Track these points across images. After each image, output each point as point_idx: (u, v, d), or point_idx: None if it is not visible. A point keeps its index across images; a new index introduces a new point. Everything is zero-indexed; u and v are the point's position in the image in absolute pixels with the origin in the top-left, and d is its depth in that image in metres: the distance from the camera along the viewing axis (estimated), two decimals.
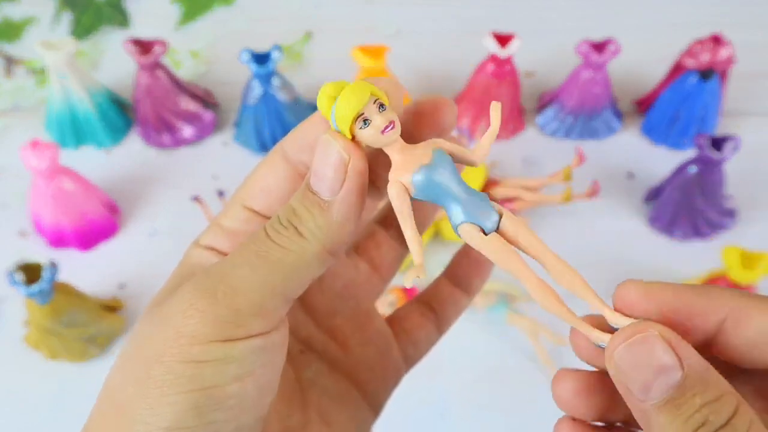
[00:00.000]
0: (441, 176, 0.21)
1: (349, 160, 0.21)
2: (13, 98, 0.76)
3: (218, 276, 0.21)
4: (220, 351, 0.20)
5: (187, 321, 0.20)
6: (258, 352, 0.21)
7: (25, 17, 0.82)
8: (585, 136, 0.70)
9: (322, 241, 0.21)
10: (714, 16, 0.79)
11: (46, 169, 0.57)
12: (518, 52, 0.65)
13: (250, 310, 0.20)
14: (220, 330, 0.20)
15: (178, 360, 0.20)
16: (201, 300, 0.20)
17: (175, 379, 0.20)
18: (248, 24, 0.82)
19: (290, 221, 0.21)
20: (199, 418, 0.20)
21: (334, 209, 0.21)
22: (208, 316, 0.20)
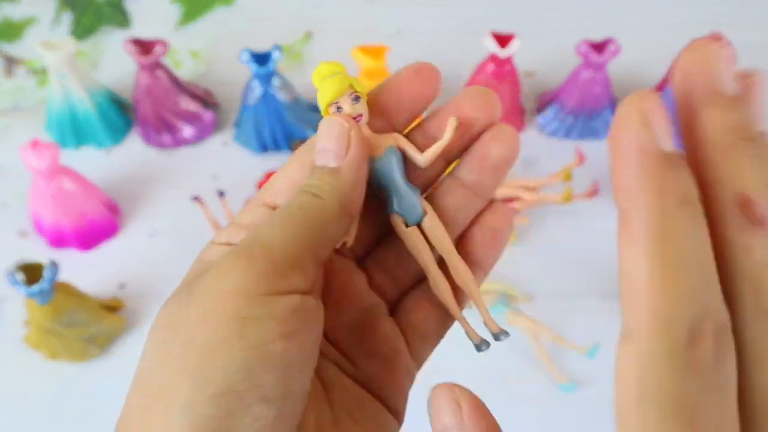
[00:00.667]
0: (386, 168, 0.25)
1: (350, 128, 0.24)
2: (13, 98, 0.76)
3: (251, 239, 0.22)
4: (265, 306, 0.20)
5: (230, 278, 0.21)
6: (298, 312, 0.21)
7: (25, 17, 0.82)
8: (585, 136, 0.70)
9: (339, 199, 0.23)
10: (714, 16, 0.79)
11: (46, 169, 0.57)
12: (518, 52, 0.65)
13: (286, 261, 0.21)
14: (262, 282, 0.20)
15: (224, 318, 0.20)
16: (240, 260, 0.21)
17: (222, 339, 0.20)
18: (248, 24, 0.82)
19: (305, 189, 0.23)
20: (249, 380, 0.20)
21: (344, 171, 0.23)
22: (249, 271, 0.21)
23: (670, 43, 0.71)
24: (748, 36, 0.72)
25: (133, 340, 0.58)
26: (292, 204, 0.23)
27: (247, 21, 0.82)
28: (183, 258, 0.63)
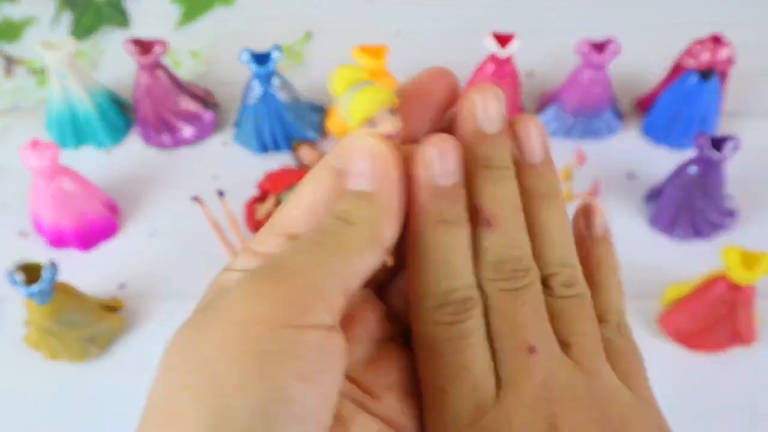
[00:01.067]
0: None
1: (386, 148, 0.22)
2: (13, 98, 0.76)
3: (276, 263, 0.20)
4: (286, 341, 0.19)
5: (252, 304, 0.19)
6: (321, 350, 0.19)
7: (25, 17, 0.82)
8: (585, 136, 0.70)
9: (372, 227, 0.21)
10: (714, 16, 0.79)
11: (46, 169, 0.57)
12: (518, 52, 0.65)
13: (312, 291, 0.20)
14: (285, 313, 0.19)
15: (245, 351, 0.18)
16: (263, 284, 0.20)
17: (242, 377, 0.18)
18: (248, 24, 0.82)
19: (336, 215, 0.21)
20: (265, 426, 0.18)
21: (379, 196, 0.21)
22: (273, 298, 0.19)
23: (670, 43, 0.71)
24: (748, 36, 0.72)
25: (133, 340, 0.58)
26: (320, 229, 0.21)
27: (247, 21, 0.82)
28: (183, 258, 0.63)
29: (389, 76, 0.66)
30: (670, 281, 0.59)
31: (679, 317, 0.56)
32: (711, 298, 0.53)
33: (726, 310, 0.53)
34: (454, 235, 0.22)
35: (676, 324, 0.56)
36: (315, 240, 0.21)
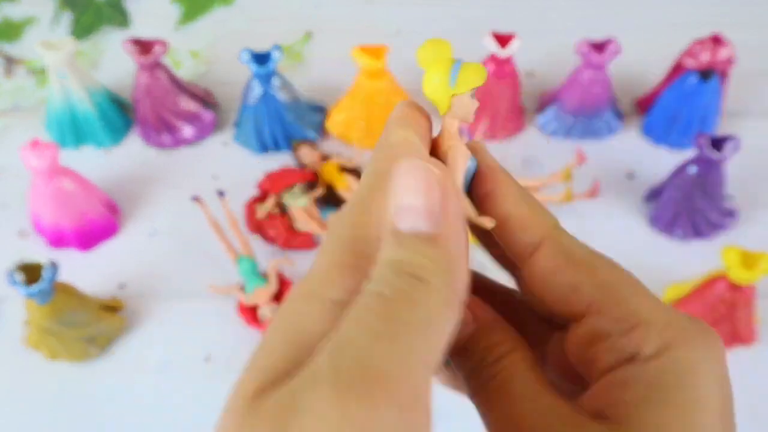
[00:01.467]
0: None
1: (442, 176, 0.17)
2: (13, 98, 0.76)
3: (350, 366, 0.15)
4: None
5: (341, 425, 0.15)
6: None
7: (25, 17, 0.82)
8: (585, 136, 0.70)
9: (449, 282, 0.17)
10: (714, 16, 0.79)
11: (46, 169, 0.57)
12: (518, 52, 0.65)
13: (412, 394, 0.15)
14: (391, 426, 0.15)
15: None
16: (348, 398, 0.15)
17: None
18: (248, 24, 0.82)
19: (401, 274, 0.16)
20: None
21: (447, 240, 0.17)
22: (368, 415, 0.15)
23: (670, 43, 0.71)
24: (748, 36, 0.72)
25: (133, 340, 0.58)
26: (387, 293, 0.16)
27: (247, 21, 0.82)
28: (183, 258, 0.63)
29: (389, 75, 0.67)
30: (670, 281, 0.59)
31: None
32: (711, 298, 0.53)
33: (726, 310, 0.53)
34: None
35: None
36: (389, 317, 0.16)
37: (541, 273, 0.21)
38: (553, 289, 0.20)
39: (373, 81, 0.66)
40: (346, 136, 0.70)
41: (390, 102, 0.67)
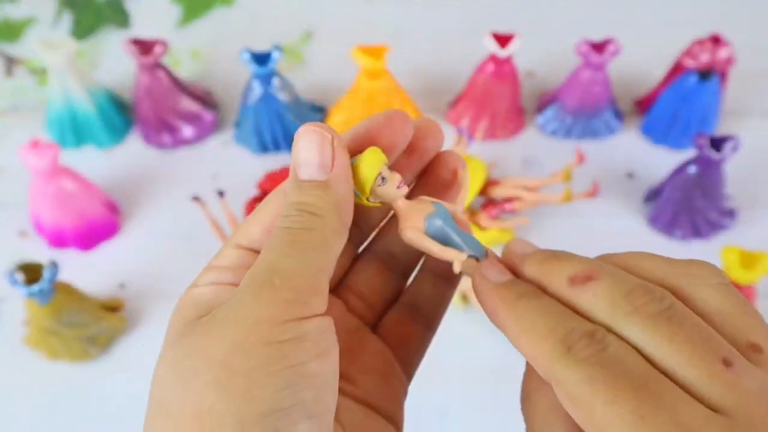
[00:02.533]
0: (443, 221, 0.25)
1: (332, 137, 0.23)
2: (13, 98, 0.76)
3: (265, 270, 0.22)
4: (297, 329, 0.21)
5: (258, 308, 0.21)
6: (325, 331, 0.22)
7: (25, 17, 0.82)
8: (585, 136, 0.70)
9: (337, 214, 0.23)
10: (714, 16, 0.79)
11: (46, 169, 0.57)
12: (518, 52, 0.65)
13: (308, 289, 0.21)
14: (290, 310, 0.21)
15: (261, 343, 0.20)
16: (262, 291, 0.21)
17: (263, 362, 0.20)
18: (248, 24, 0.82)
19: (300, 210, 0.23)
20: (293, 397, 0.20)
21: (334, 183, 0.23)
22: (276, 301, 0.21)
23: (670, 43, 0.71)
24: (748, 36, 0.72)
25: (133, 340, 0.58)
26: (292, 227, 0.22)
27: (247, 21, 0.82)
28: (183, 258, 0.63)
29: (389, 75, 0.67)
30: None
31: None
32: None
33: None
34: (541, 297, 0.22)
35: None
36: (292, 239, 0.22)
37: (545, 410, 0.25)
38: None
39: (373, 81, 0.66)
40: None
41: (390, 102, 0.67)
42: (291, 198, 0.23)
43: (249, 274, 0.22)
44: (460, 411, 0.54)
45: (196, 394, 0.20)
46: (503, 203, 0.61)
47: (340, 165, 0.23)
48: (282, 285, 0.21)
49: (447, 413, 0.54)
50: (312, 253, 0.22)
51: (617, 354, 0.20)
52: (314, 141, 0.23)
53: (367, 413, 0.26)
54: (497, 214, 0.61)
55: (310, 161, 0.23)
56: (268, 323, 0.21)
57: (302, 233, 0.22)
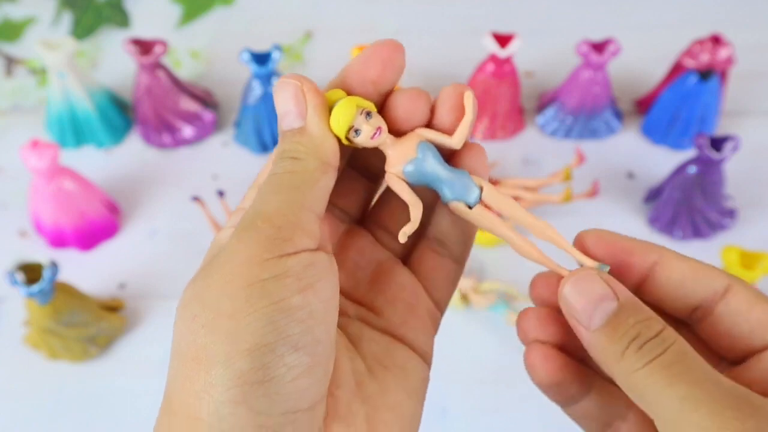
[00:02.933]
0: (427, 165, 0.25)
1: (301, 84, 0.24)
2: (13, 98, 0.76)
3: (251, 213, 0.23)
4: (277, 266, 0.22)
5: (240, 250, 0.22)
6: (310, 266, 0.22)
7: (26, 17, 0.82)
8: (585, 136, 0.70)
9: (316, 155, 0.24)
10: (714, 16, 0.79)
11: (46, 169, 0.57)
12: (518, 52, 0.65)
13: (288, 225, 0.22)
14: (272, 248, 0.22)
15: (242, 285, 0.22)
16: (246, 233, 0.22)
17: (245, 302, 0.21)
18: (248, 24, 0.82)
19: (283, 156, 0.24)
20: (276, 332, 0.21)
21: (309, 127, 0.24)
22: (257, 241, 0.22)
23: (670, 43, 0.71)
24: (748, 36, 0.72)
25: (133, 340, 0.58)
26: (276, 172, 0.24)
27: (247, 21, 0.82)
28: (183, 258, 0.63)
29: None
30: None
31: None
32: None
33: None
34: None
35: None
36: (275, 183, 0.24)
37: (734, 312, 0.25)
38: (742, 326, 0.25)
39: None
40: None
41: None
42: (277, 148, 0.25)
43: (240, 219, 0.23)
44: (460, 411, 0.54)
45: (195, 335, 0.22)
46: None
47: (312, 109, 0.24)
48: (264, 225, 0.22)
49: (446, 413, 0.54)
50: (293, 193, 0.23)
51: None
52: (288, 92, 0.24)
53: (392, 344, 0.27)
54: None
55: (288, 111, 0.24)
56: (249, 264, 0.22)
57: (285, 176, 0.24)
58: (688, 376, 0.22)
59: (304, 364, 0.22)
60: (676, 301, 0.26)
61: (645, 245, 0.26)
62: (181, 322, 0.23)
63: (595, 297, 0.24)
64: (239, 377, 0.21)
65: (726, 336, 0.25)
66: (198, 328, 0.22)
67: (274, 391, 0.21)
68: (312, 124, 0.24)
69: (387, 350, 0.27)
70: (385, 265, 0.28)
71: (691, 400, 0.21)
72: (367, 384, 0.25)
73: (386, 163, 0.25)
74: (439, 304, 0.29)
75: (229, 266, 0.22)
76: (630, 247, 0.26)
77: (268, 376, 0.21)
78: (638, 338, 0.23)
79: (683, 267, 0.25)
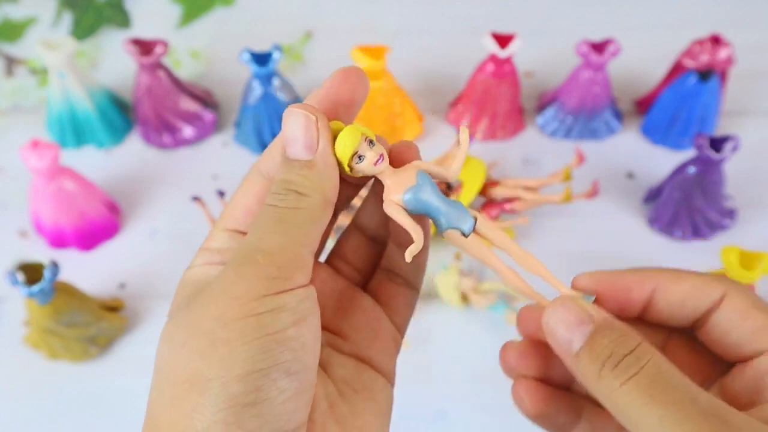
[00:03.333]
0: (424, 194, 0.26)
1: (316, 118, 0.24)
2: (14, 98, 0.76)
3: (250, 248, 0.23)
4: (275, 302, 0.22)
5: (240, 284, 0.23)
6: (305, 301, 0.23)
7: (26, 17, 0.82)
8: (585, 136, 0.70)
9: (321, 193, 0.24)
10: (714, 16, 0.79)
11: (46, 169, 0.57)
12: (518, 52, 0.65)
13: (289, 264, 0.23)
14: (270, 285, 0.23)
15: (239, 317, 0.22)
16: (246, 267, 0.23)
17: (240, 332, 0.22)
18: (248, 24, 0.82)
19: (287, 188, 0.24)
20: (270, 359, 0.22)
21: (319, 163, 0.24)
22: (257, 277, 0.23)
23: (670, 43, 0.71)
24: (748, 36, 0.72)
25: (134, 340, 0.58)
26: (278, 205, 0.24)
27: (247, 21, 0.82)
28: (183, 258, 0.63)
29: (389, 75, 0.67)
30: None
31: None
32: None
33: None
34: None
35: None
36: (277, 217, 0.24)
37: (726, 321, 0.25)
38: (732, 335, 0.25)
39: (373, 81, 0.66)
40: None
41: (390, 102, 0.67)
42: (280, 175, 0.24)
43: (236, 250, 0.24)
44: (460, 411, 0.55)
45: (186, 361, 0.22)
46: (503, 203, 0.61)
47: (324, 146, 0.24)
48: (265, 262, 0.23)
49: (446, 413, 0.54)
50: (296, 231, 0.24)
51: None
52: (300, 122, 0.24)
53: (359, 367, 0.28)
54: (497, 214, 0.61)
55: (297, 139, 0.24)
56: (248, 298, 0.22)
57: (288, 212, 0.24)
58: (665, 396, 0.22)
59: (293, 388, 0.23)
60: (678, 319, 0.27)
61: (640, 277, 0.27)
62: (170, 348, 0.23)
63: (573, 321, 0.25)
64: (232, 399, 0.22)
65: (719, 343, 0.26)
66: (190, 354, 0.22)
67: (266, 411, 0.22)
68: (323, 160, 0.24)
69: (355, 373, 0.28)
70: (347, 292, 0.30)
71: (669, 421, 0.22)
72: (339, 406, 0.26)
73: (384, 191, 0.26)
74: (400, 327, 0.30)
75: (227, 298, 0.23)
76: (626, 284, 0.27)
77: (261, 398, 0.22)
78: (613, 356, 0.23)
79: (680, 288, 0.26)
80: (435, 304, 0.59)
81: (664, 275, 0.27)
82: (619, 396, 0.23)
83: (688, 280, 0.26)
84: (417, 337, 0.57)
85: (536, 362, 0.28)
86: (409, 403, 0.54)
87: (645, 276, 0.27)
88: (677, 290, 0.26)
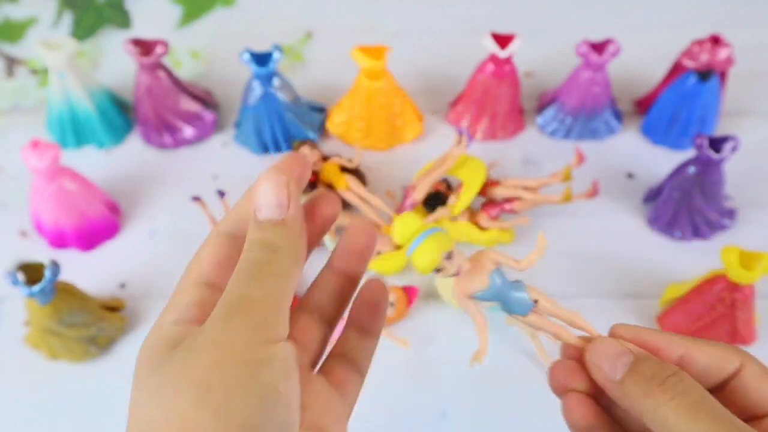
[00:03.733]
0: (494, 292, 0.31)
1: (288, 181, 0.26)
2: (14, 98, 0.76)
3: (235, 299, 0.24)
4: (266, 351, 0.23)
5: (232, 332, 0.23)
6: (291, 354, 0.24)
7: (26, 18, 0.83)
8: (585, 137, 0.70)
9: (294, 249, 0.26)
10: (714, 16, 0.79)
11: (46, 169, 0.57)
12: (518, 52, 0.65)
13: (273, 314, 0.24)
14: (259, 334, 0.23)
15: (237, 362, 0.23)
16: (234, 317, 0.23)
17: (236, 380, 0.22)
18: (248, 24, 0.82)
19: (263, 246, 0.25)
20: (264, 415, 0.23)
21: (290, 222, 0.26)
22: (246, 325, 0.23)
23: (670, 43, 0.71)
24: (748, 36, 0.72)
25: (134, 340, 0.58)
26: (253, 260, 0.25)
27: (247, 21, 0.82)
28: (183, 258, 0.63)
29: (389, 75, 0.67)
30: (670, 281, 0.59)
31: (678, 316, 0.56)
32: (709, 297, 0.53)
33: (725, 309, 0.53)
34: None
35: (674, 323, 0.56)
36: (257, 271, 0.25)
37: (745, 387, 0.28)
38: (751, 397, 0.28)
39: (373, 81, 0.66)
40: (346, 136, 0.70)
41: (390, 102, 0.67)
42: (252, 236, 0.26)
43: (220, 302, 0.24)
44: (460, 411, 0.55)
45: (179, 411, 0.22)
46: (503, 203, 0.61)
47: (295, 206, 0.26)
48: (251, 311, 0.24)
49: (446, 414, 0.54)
50: (274, 282, 0.25)
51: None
52: (271, 187, 0.26)
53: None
54: (497, 214, 0.61)
55: (268, 203, 0.26)
56: (241, 345, 0.23)
57: (265, 265, 0.25)
58: (710, 414, 0.25)
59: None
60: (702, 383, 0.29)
61: (671, 341, 0.29)
62: (156, 400, 0.24)
63: (614, 354, 0.28)
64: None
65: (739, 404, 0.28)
66: (182, 404, 0.22)
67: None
68: (294, 219, 0.26)
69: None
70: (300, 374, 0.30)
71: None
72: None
73: (456, 282, 0.30)
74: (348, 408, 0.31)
75: (218, 346, 0.23)
76: (658, 344, 0.29)
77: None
78: (656, 377, 0.26)
79: (706, 357, 0.28)
80: (435, 304, 0.59)
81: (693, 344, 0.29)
82: (667, 410, 0.25)
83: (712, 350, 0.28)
84: (417, 337, 0.57)
85: (585, 378, 0.30)
86: (409, 403, 0.54)
87: (676, 342, 0.29)
88: (703, 359, 0.28)
